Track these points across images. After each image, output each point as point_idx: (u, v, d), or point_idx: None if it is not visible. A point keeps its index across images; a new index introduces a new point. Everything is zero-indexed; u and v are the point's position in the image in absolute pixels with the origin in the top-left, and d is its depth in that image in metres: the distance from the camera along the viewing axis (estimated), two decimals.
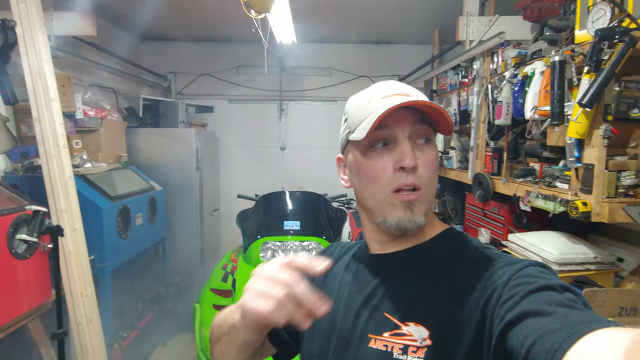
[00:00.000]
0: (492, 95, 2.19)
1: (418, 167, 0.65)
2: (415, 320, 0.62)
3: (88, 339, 2.09)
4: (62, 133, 2.09)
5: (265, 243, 2.34)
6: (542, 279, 0.54)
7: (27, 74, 2.03)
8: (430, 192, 0.68)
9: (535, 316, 0.48)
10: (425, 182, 0.66)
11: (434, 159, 0.68)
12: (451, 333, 0.59)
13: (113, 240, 2.55)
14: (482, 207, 2.54)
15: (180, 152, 3.61)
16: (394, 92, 0.67)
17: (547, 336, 0.45)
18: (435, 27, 3.80)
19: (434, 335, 0.60)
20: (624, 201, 1.43)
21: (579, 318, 0.46)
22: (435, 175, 0.69)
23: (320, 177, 4.21)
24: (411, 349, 0.60)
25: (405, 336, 0.62)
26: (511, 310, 0.51)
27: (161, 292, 3.26)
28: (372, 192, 0.68)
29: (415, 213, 0.65)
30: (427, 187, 0.67)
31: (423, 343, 0.60)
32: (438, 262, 0.67)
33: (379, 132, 0.65)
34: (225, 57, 4.45)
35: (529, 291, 0.52)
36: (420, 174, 0.65)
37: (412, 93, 0.67)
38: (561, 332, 0.45)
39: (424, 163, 0.66)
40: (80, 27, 2.60)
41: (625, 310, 1.52)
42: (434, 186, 0.69)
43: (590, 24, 1.41)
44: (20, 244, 1.88)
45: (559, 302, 0.49)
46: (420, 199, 0.66)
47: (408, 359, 0.60)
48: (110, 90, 3.55)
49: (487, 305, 0.56)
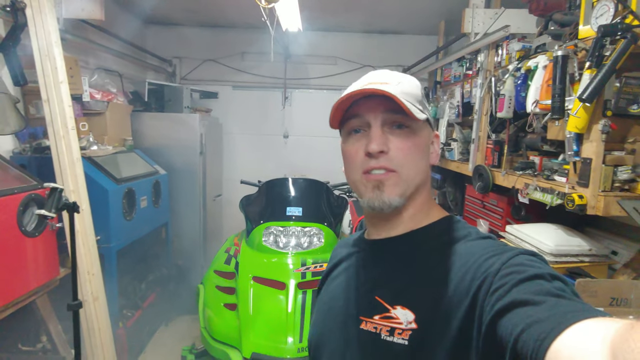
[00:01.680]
0: (495, 88, 2.21)
1: (391, 151, 0.68)
2: (403, 304, 0.65)
3: (94, 316, 2.15)
4: (71, 115, 2.12)
5: (268, 228, 2.39)
6: (532, 268, 0.55)
7: (37, 56, 2.06)
8: (409, 175, 0.69)
9: (524, 305, 0.49)
10: (400, 164, 0.68)
11: (412, 144, 0.69)
12: (438, 319, 0.60)
13: (118, 222, 2.60)
14: (481, 199, 2.58)
15: (185, 137, 3.64)
16: (369, 82, 0.70)
17: (535, 325, 0.46)
18: (441, 19, 3.79)
19: (420, 319, 0.62)
20: (620, 195, 1.46)
21: (567, 308, 0.47)
22: (417, 159, 0.70)
23: (322, 166, 4.24)
24: (397, 331, 0.63)
25: (393, 319, 0.65)
26: (501, 299, 0.52)
27: (164, 274, 3.33)
28: (350, 174, 0.73)
29: (384, 193, 0.68)
30: (403, 170, 0.68)
31: (408, 326, 0.63)
32: (431, 249, 0.69)
33: (354, 121, 0.71)
34: (230, 43, 4.44)
35: (519, 280, 0.53)
36: (392, 157, 0.68)
37: (392, 81, 0.70)
38: (549, 321, 0.45)
39: (398, 147, 0.68)
40: (88, 10, 2.61)
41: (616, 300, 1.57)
42: (415, 170, 0.70)
43: (594, 19, 1.43)
44: (30, 222, 1.93)
45: (547, 292, 0.50)
46: (392, 179, 0.68)
47: (395, 340, 0.63)
48: (116, 73, 3.57)
49: (478, 293, 0.57)
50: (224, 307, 2.15)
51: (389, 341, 0.64)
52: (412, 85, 0.71)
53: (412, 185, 0.70)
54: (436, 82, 3.50)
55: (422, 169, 0.72)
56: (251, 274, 2.17)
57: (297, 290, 2.08)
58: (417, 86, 0.73)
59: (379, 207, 0.69)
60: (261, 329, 1.95)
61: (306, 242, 2.37)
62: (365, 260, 0.77)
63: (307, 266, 2.18)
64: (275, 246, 2.34)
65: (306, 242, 2.37)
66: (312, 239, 2.38)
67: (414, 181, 0.70)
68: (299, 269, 2.17)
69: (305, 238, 2.38)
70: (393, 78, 0.71)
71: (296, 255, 2.28)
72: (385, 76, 0.72)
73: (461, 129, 2.83)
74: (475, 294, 0.57)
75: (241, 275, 2.18)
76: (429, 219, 0.73)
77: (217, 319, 2.14)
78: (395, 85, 0.68)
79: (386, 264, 0.72)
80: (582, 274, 1.68)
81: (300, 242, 2.37)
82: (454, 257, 0.65)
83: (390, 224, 0.73)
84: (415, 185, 0.71)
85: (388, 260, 0.72)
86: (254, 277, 2.15)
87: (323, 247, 2.36)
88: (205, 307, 2.25)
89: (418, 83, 0.74)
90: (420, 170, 0.71)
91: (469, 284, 0.59)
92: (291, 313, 2.00)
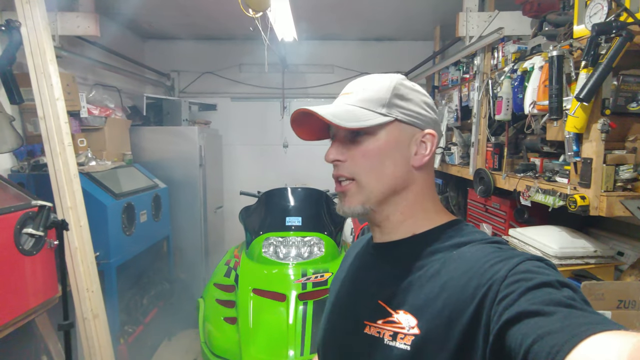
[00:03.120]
0: (493, 90, 2.20)
1: (348, 160, 0.71)
2: (405, 308, 0.64)
3: (94, 334, 2.12)
4: (67, 131, 2.12)
5: (267, 239, 2.37)
6: (540, 275, 0.53)
7: (32, 74, 2.06)
8: (370, 181, 0.69)
9: (534, 316, 0.48)
10: (356, 172, 0.70)
11: (371, 149, 0.69)
12: (440, 325, 0.59)
13: (118, 237, 2.59)
14: (483, 203, 2.55)
15: (184, 149, 3.64)
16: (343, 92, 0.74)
17: (547, 337, 0.45)
18: (436, 24, 3.80)
19: (422, 324, 0.61)
20: (622, 195, 1.43)
21: (580, 319, 0.46)
22: (377, 164, 0.69)
23: (322, 174, 4.20)
24: (399, 336, 0.62)
25: (395, 324, 0.64)
26: (509, 309, 0.51)
27: (166, 288, 3.30)
28: None
29: (344, 203, 0.72)
30: (361, 177, 0.70)
31: (410, 331, 0.61)
32: (434, 253, 0.67)
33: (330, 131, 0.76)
34: (228, 55, 4.47)
35: (527, 288, 0.52)
36: (347, 165, 0.71)
37: (356, 90, 0.72)
38: (562, 333, 0.44)
39: (354, 155, 0.70)
40: (84, 27, 2.63)
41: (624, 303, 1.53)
42: (376, 174, 0.69)
43: (588, 18, 1.41)
44: (27, 240, 1.91)
45: (558, 301, 0.49)
46: (352, 189, 0.71)
47: (397, 345, 0.62)
48: (114, 89, 3.59)
49: (484, 301, 0.55)
50: (223, 321, 2.12)
51: (392, 346, 0.63)
52: (376, 90, 0.70)
53: (376, 192, 0.70)
54: (434, 86, 3.49)
55: (390, 172, 0.69)
56: (251, 286, 2.14)
57: (297, 301, 2.05)
58: (386, 88, 0.70)
59: (342, 214, 0.73)
60: (262, 342, 1.92)
61: (306, 252, 2.34)
62: (371, 264, 0.77)
63: (308, 276, 2.15)
64: (275, 257, 2.32)
65: (306, 252, 2.34)
66: (313, 249, 2.35)
67: (379, 186, 0.70)
68: (299, 279, 2.14)
69: (305, 248, 2.35)
70: (359, 86, 0.73)
71: (296, 265, 2.25)
72: (353, 86, 0.74)
73: (460, 133, 2.81)
74: (480, 301, 0.56)
75: (241, 287, 2.15)
76: (433, 223, 0.71)
77: (217, 333, 2.11)
78: (357, 94, 0.71)
79: (389, 267, 0.72)
80: (587, 276, 1.64)
81: (301, 252, 2.34)
82: (458, 261, 0.63)
83: (383, 230, 0.73)
84: (381, 192, 0.70)
85: (391, 264, 0.72)
86: (254, 289, 2.12)
87: (324, 256, 2.33)
88: (205, 321, 2.21)
89: (388, 84, 0.71)
90: (385, 174, 0.69)
91: (473, 290, 0.57)
92: (292, 325, 1.96)
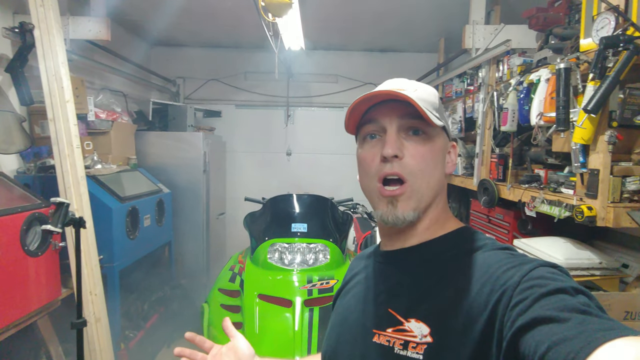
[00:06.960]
0: (498, 102, 2.23)
1: (405, 157, 0.67)
2: (417, 317, 0.63)
3: (96, 338, 2.11)
4: (76, 134, 2.14)
5: (272, 245, 2.37)
6: (554, 281, 0.53)
7: (44, 76, 2.09)
8: (422, 185, 0.68)
9: (549, 322, 0.47)
10: (412, 172, 0.67)
11: (428, 150, 0.68)
12: (454, 332, 0.58)
13: (122, 241, 2.58)
14: (487, 213, 2.56)
15: (188, 155, 3.66)
16: (385, 87, 0.69)
17: (562, 344, 0.44)
18: (441, 36, 3.85)
19: (435, 333, 0.60)
20: (629, 206, 1.45)
21: (595, 326, 0.45)
22: (431, 167, 0.68)
23: (326, 183, 4.24)
24: (411, 345, 0.61)
25: (407, 332, 0.62)
26: (522, 315, 0.50)
27: (167, 294, 3.28)
28: (366, 182, 0.72)
29: (397, 208, 0.67)
30: (415, 179, 0.67)
31: (423, 340, 0.60)
32: (446, 260, 0.67)
33: (369, 126, 0.70)
34: (233, 63, 4.51)
35: (541, 294, 0.51)
36: (406, 163, 0.67)
37: (408, 88, 0.69)
38: (577, 340, 0.43)
39: (412, 154, 0.67)
40: (95, 31, 2.66)
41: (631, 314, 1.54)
42: (428, 178, 0.68)
43: (595, 32, 1.44)
44: (33, 240, 1.92)
45: (572, 307, 0.48)
46: (406, 193, 0.67)
47: (408, 354, 0.61)
48: (121, 94, 3.62)
49: (497, 307, 0.55)
50: None
51: (403, 355, 0.61)
52: (429, 93, 0.71)
53: (426, 197, 0.69)
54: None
55: (437, 177, 0.70)
56: (256, 291, 2.13)
57: (303, 307, 2.04)
58: (434, 94, 0.73)
59: (392, 222, 0.67)
60: (267, 348, 1.91)
61: (312, 258, 2.34)
62: (379, 272, 0.75)
63: (314, 283, 2.15)
64: (280, 263, 2.31)
65: (312, 258, 2.34)
66: (318, 256, 2.35)
67: (428, 192, 0.69)
68: (305, 286, 2.13)
69: (310, 254, 2.35)
70: (410, 85, 0.71)
71: (302, 272, 2.24)
72: (402, 83, 0.72)
73: (464, 144, 2.84)
74: (494, 307, 0.55)
75: (246, 293, 2.14)
76: (444, 230, 0.71)
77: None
78: (412, 91, 0.68)
79: (400, 275, 0.70)
80: (593, 288, 1.65)
81: (306, 259, 2.34)
82: (471, 268, 0.62)
83: (404, 236, 0.71)
84: (429, 197, 0.69)
85: (402, 272, 0.70)
86: (260, 295, 2.11)
87: (329, 263, 2.33)
88: (209, 326, 2.20)
89: (435, 92, 0.74)
90: (434, 178, 0.69)
91: (487, 296, 0.57)
92: (298, 331, 1.96)
